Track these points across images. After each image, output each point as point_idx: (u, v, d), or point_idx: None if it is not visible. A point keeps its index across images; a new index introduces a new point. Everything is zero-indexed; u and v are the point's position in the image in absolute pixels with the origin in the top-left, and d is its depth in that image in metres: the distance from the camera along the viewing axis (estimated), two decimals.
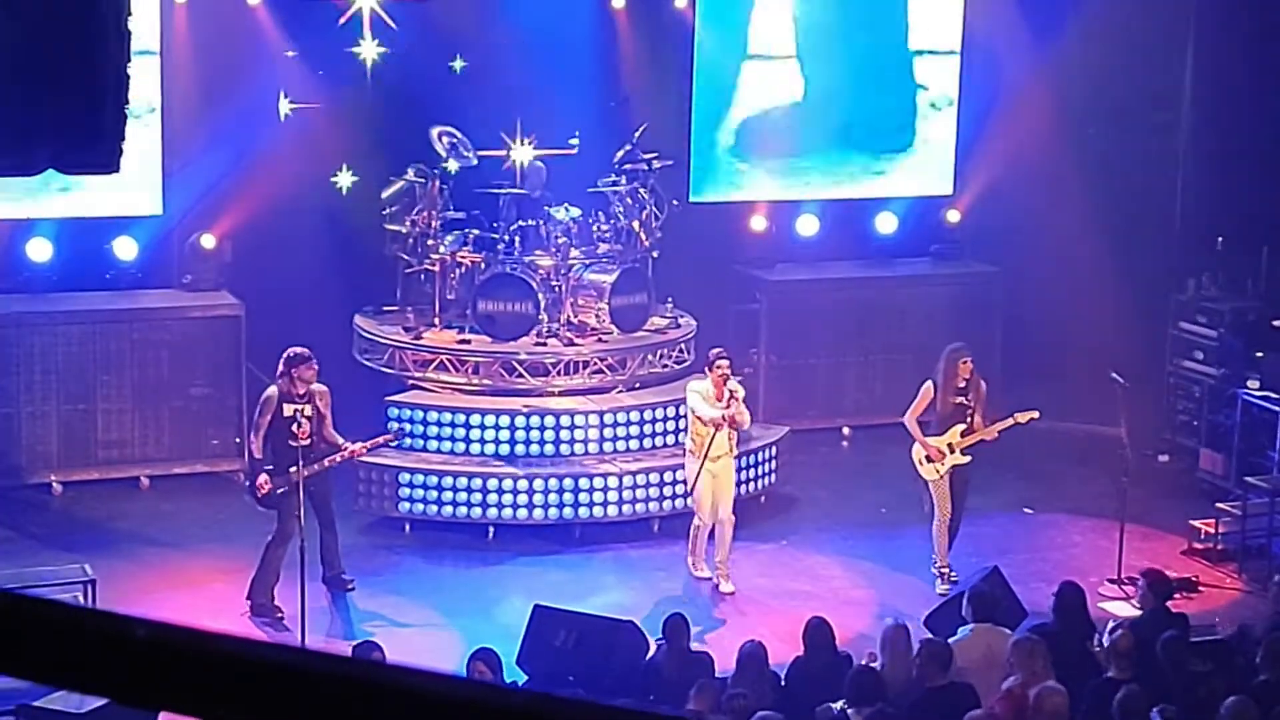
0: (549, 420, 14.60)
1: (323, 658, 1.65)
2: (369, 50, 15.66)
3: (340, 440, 12.40)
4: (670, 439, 14.77)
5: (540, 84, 16.11)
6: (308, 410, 12.13)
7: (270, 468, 12.14)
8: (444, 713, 1.62)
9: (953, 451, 12.98)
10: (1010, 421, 12.99)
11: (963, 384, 13.02)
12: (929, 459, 13.01)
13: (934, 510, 13.07)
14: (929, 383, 13.09)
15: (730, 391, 13.02)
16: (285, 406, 12.16)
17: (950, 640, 10.16)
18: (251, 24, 15.75)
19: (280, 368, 12.36)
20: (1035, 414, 13.09)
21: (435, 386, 15.06)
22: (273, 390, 12.32)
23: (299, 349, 12.38)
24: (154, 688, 1.71)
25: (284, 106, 15.65)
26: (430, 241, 15.32)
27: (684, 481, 14.45)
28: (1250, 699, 9.05)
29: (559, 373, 15.06)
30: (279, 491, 12.02)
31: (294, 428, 12.01)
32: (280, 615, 12.13)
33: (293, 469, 11.89)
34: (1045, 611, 10.99)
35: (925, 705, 9.43)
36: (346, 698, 1.63)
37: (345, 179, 16.01)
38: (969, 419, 12.97)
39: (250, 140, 15.26)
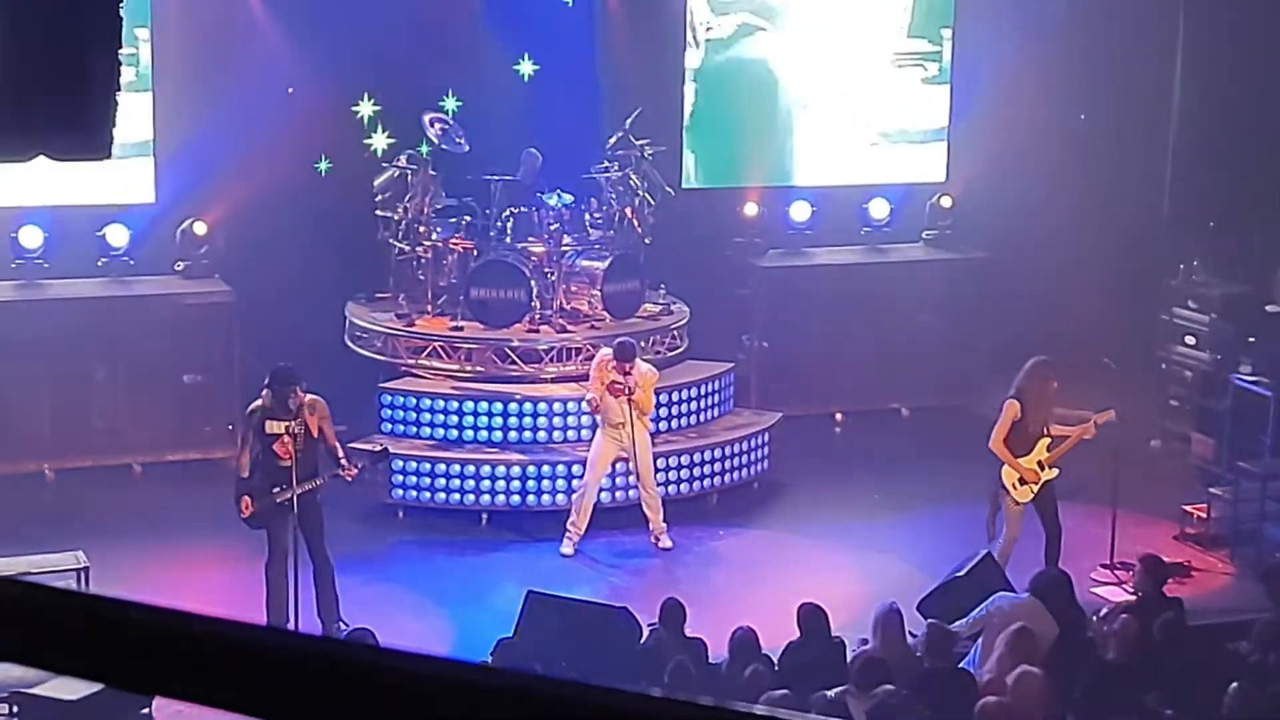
0: (541, 407, 14.61)
1: (315, 641, 1.66)
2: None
3: (342, 457, 11.73)
4: (663, 425, 14.78)
5: (532, 69, 16.11)
6: (294, 428, 11.45)
7: (256, 487, 11.58)
8: (432, 694, 1.63)
9: (1043, 469, 12.53)
10: (1091, 425, 12.63)
11: (1048, 397, 12.55)
12: (1023, 481, 12.52)
13: (1001, 533, 12.56)
14: (1013, 401, 12.49)
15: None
16: (268, 424, 11.51)
17: (1003, 595, 10.22)
18: (244, 9, 15.73)
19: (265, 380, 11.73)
20: (1111, 413, 12.78)
21: (428, 373, 15.06)
22: (256, 404, 11.69)
23: (284, 366, 11.69)
24: (148, 672, 1.71)
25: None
26: (422, 229, 15.31)
27: (677, 467, 14.56)
28: (1250, 683, 9.08)
29: (551, 359, 15.07)
30: (263, 512, 11.52)
31: (275, 446, 11.45)
32: None
33: (276, 490, 11.45)
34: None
35: (923, 687, 9.46)
36: (338, 680, 1.64)
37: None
38: (1050, 432, 12.52)
39: (243, 127, 15.23)
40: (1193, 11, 17.21)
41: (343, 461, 11.68)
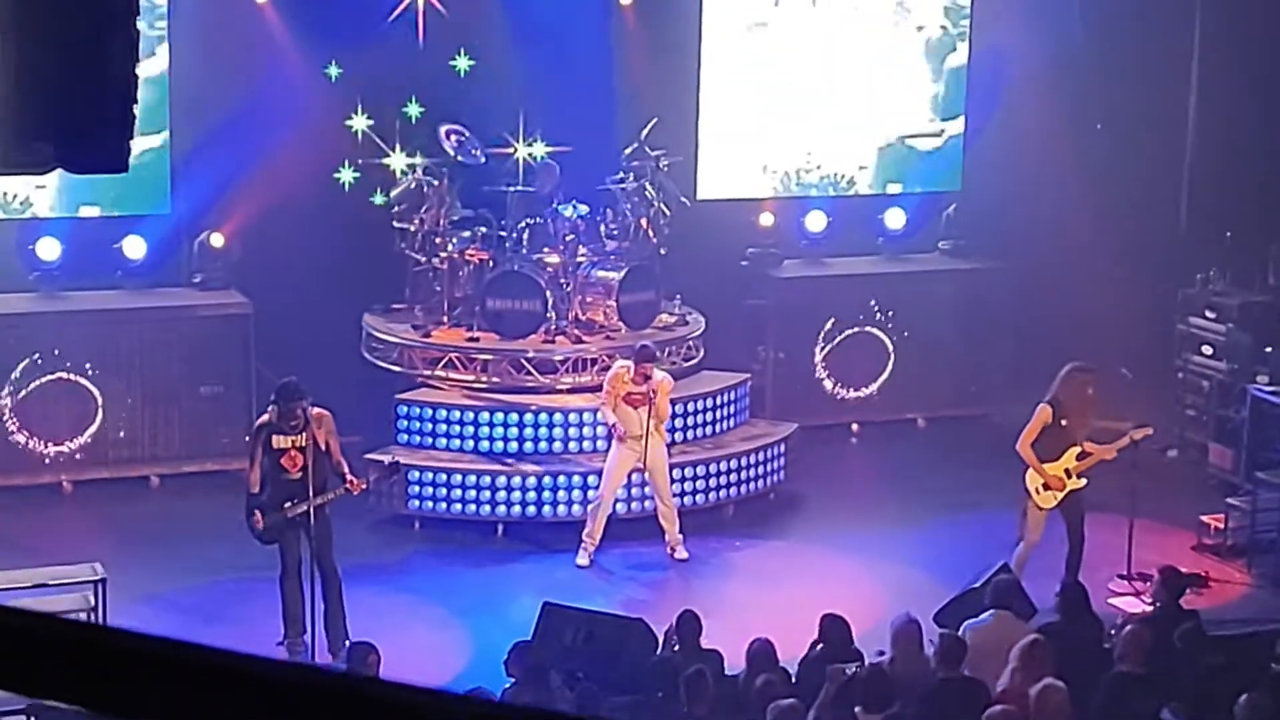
0: (557, 418, 14.61)
1: (320, 673, 1.65)
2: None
3: (347, 471, 11.70)
4: (679, 436, 14.77)
5: (547, 81, 16.13)
6: (301, 442, 11.46)
7: (266, 502, 11.59)
8: None
9: (1070, 477, 12.51)
10: (1126, 440, 12.61)
11: (1084, 405, 12.54)
12: (1047, 486, 12.51)
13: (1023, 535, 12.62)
14: (1045, 406, 12.49)
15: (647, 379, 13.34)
16: (275, 438, 11.52)
17: (969, 623, 10.21)
18: (260, 22, 15.76)
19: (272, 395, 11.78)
20: (1149, 430, 12.75)
21: (444, 384, 15.07)
22: (263, 419, 11.74)
23: (289, 380, 11.68)
24: (155, 706, 1.70)
25: None
26: (438, 239, 15.33)
27: (693, 479, 14.54)
28: (1266, 694, 9.05)
29: (567, 370, 15.07)
30: (273, 527, 11.55)
31: (283, 460, 11.47)
32: (300, 650, 11.88)
33: (287, 504, 11.46)
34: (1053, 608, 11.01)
35: (937, 698, 9.45)
36: (344, 712, 1.63)
37: (348, 176, 16.07)
38: (1083, 440, 12.51)
39: (258, 138, 15.25)
40: (1208, 21, 17.21)
41: (349, 477, 11.65)
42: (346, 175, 16.08)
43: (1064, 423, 12.50)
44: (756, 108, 17.32)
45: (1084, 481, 12.59)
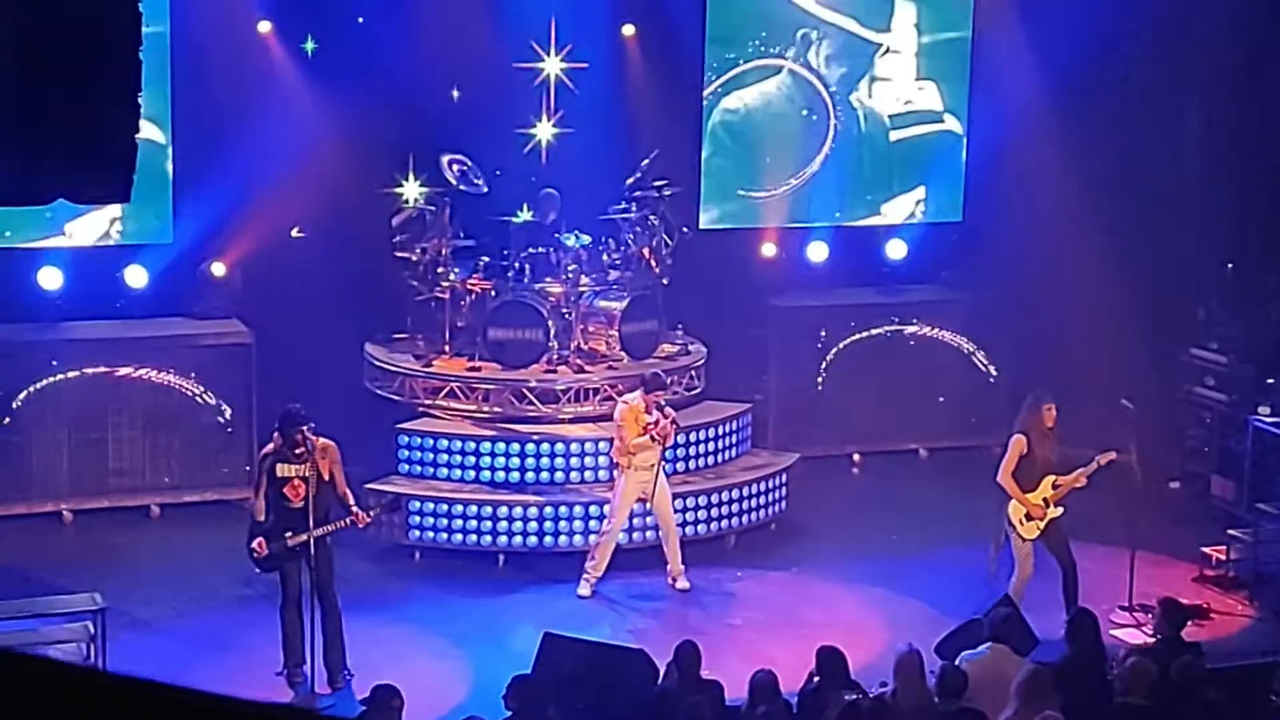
0: (559, 448, 14.59)
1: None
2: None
3: (353, 502, 11.67)
4: (680, 465, 14.76)
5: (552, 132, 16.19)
6: (305, 471, 11.45)
7: (269, 530, 11.55)
8: None
9: (1049, 505, 12.60)
10: (1095, 465, 12.65)
11: (1049, 431, 12.65)
12: (1030, 517, 12.57)
13: (1013, 571, 12.62)
14: (1019, 437, 12.61)
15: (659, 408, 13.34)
16: (279, 467, 11.51)
17: (965, 654, 10.19)
18: (262, 51, 15.79)
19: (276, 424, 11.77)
20: (1113, 454, 12.77)
21: (445, 414, 15.06)
22: (268, 447, 11.71)
23: (293, 407, 11.65)
24: None
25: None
26: (440, 269, 15.33)
27: (694, 509, 14.51)
28: None
29: (569, 400, 15.06)
30: (275, 555, 11.54)
31: (286, 490, 11.48)
32: (300, 680, 11.88)
33: (288, 533, 11.46)
34: (1056, 638, 10.96)
35: None
36: None
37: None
38: (1055, 468, 12.57)
39: (261, 168, 15.27)
40: (1213, 51, 17.21)
41: (354, 509, 11.65)
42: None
43: (1036, 451, 12.59)
44: (759, 137, 17.35)
45: (1061, 510, 12.63)
